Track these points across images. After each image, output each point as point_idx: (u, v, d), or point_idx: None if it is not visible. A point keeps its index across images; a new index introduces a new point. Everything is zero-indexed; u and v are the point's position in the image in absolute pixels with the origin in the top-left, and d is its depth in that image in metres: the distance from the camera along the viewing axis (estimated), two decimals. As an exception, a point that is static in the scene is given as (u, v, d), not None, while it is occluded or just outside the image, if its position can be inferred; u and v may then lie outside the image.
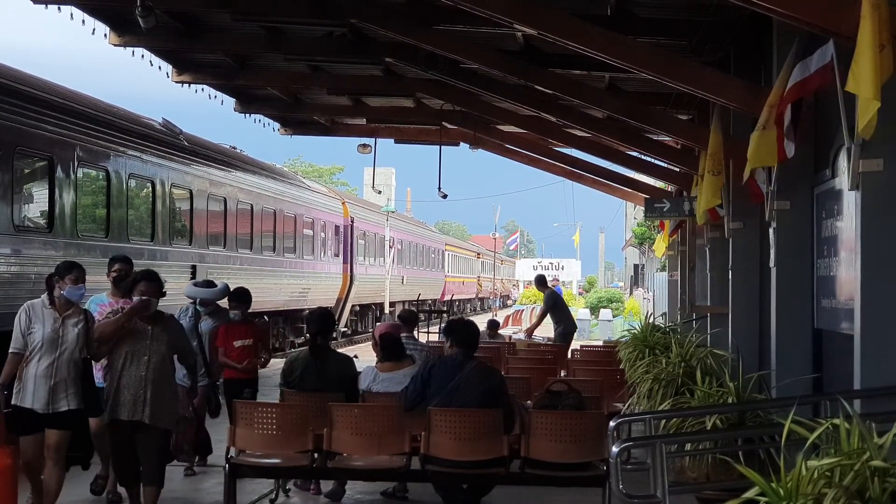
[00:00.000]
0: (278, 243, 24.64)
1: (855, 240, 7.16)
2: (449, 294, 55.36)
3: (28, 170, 14.09)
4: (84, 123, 15.00)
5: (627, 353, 12.58)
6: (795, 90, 8.13)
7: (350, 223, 32.95)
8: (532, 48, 14.02)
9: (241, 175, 22.31)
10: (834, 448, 4.27)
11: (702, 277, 16.73)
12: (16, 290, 13.22)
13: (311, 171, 75.28)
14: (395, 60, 14.92)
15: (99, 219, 15.76)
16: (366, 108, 20.36)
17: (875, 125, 6.25)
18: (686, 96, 13.91)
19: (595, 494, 8.12)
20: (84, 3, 13.31)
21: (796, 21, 7.34)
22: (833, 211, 9.15)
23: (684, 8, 12.26)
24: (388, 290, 39.12)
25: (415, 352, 10.55)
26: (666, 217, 19.55)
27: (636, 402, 10.35)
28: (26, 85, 13.98)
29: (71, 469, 8.47)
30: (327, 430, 8.27)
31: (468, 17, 11.80)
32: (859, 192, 7.01)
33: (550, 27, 10.20)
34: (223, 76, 17.53)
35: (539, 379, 11.40)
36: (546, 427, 8.11)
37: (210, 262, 19.88)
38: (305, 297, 26.64)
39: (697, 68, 10.38)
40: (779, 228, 10.11)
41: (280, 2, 12.98)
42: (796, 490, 4.06)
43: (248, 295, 11.27)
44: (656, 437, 7.69)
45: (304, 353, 9.46)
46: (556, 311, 19.10)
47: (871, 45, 5.98)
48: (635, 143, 17.23)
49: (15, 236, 13.16)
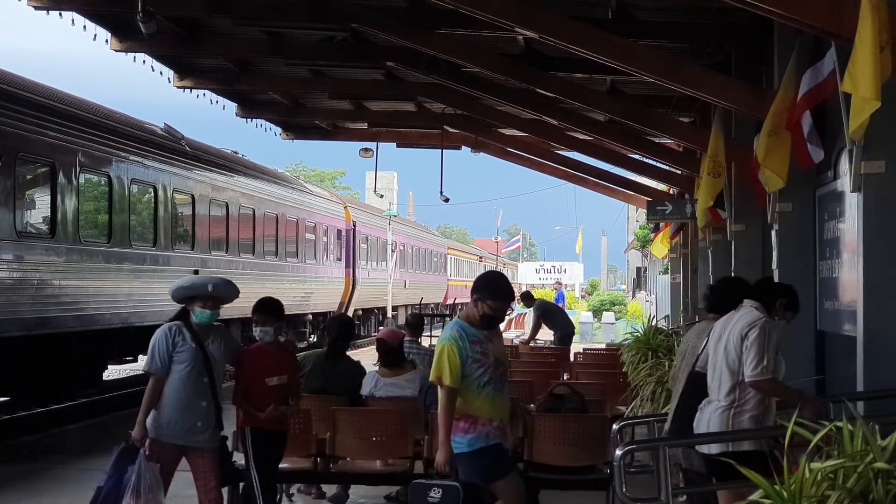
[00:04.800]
0: (280, 248, 24.64)
1: (857, 241, 7.15)
2: (452, 298, 55.33)
3: (30, 175, 14.09)
4: (86, 129, 15.02)
5: (630, 356, 12.57)
6: (811, 96, 8.12)
7: (352, 227, 32.94)
8: (533, 51, 14.02)
9: (242, 180, 22.31)
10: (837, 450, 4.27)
11: (704, 280, 16.72)
12: (18, 296, 13.24)
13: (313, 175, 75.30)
14: (397, 64, 14.94)
15: (101, 224, 15.76)
16: (367, 112, 20.37)
17: (866, 127, 6.26)
18: (687, 99, 13.92)
19: (599, 498, 8.11)
20: (85, 8, 13.32)
21: (797, 23, 7.36)
22: (835, 213, 9.15)
23: (685, 10, 12.26)
24: (391, 294, 39.10)
25: (417, 356, 10.54)
26: (668, 220, 19.54)
27: (639, 404, 10.35)
28: (28, 91, 14.00)
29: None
30: (331, 434, 8.28)
31: (469, 20, 11.81)
32: (861, 193, 7.01)
33: (552, 30, 10.21)
34: (224, 81, 17.54)
35: (542, 382, 11.39)
36: (549, 430, 8.11)
37: (212, 266, 19.86)
38: (308, 301, 26.63)
39: (698, 71, 10.38)
40: (781, 230, 10.10)
41: (281, 6, 12.99)
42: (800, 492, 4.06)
43: (279, 307, 7.91)
44: (660, 440, 7.68)
45: (317, 353, 9.49)
46: (549, 318, 19.02)
47: (870, 47, 5.98)
48: (637, 146, 17.24)
49: (17, 242, 13.16)
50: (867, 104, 6.07)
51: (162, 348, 7.15)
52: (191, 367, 7.15)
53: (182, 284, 7.44)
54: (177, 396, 7.14)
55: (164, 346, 7.15)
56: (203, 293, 7.24)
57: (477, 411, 6.44)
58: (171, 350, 7.14)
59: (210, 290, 7.25)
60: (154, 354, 7.17)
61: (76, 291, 14.69)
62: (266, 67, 17.12)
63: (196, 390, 7.18)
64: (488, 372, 6.49)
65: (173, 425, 7.16)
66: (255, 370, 7.54)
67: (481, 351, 6.49)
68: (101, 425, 14.52)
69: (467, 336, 6.47)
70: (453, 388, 6.39)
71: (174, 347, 7.14)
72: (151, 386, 7.18)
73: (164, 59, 16.31)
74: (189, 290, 7.34)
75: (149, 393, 7.18)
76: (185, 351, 7.15)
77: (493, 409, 6.50)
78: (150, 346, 7.20)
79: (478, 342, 6.50)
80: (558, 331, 18.83)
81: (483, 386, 6.45)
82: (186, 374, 7.15)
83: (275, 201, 24.29)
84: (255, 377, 7.54)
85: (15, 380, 14.84)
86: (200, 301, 7.22)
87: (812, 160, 8.57)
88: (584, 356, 15.99)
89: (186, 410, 7.17)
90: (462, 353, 6.40)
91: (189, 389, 7.16)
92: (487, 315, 6.53)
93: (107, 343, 16.86)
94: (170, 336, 7.17)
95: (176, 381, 7.15)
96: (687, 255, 20.65)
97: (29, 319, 13.54)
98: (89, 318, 15.17)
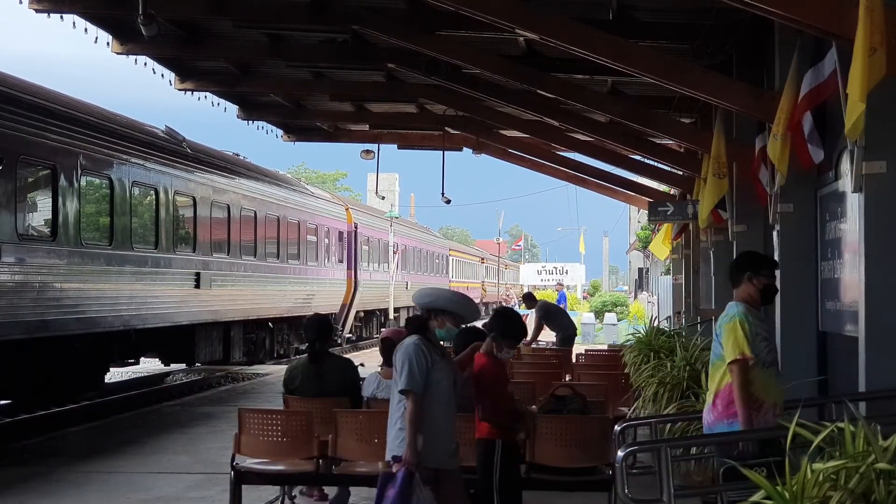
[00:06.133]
0: (282, 250, 24.65)
1: (859, 242, 7.15)
2: (453, 299, 55.24)
3: (31, 178, 14.10)
4: (87, 132, 15.03)
5: (632, 357, 12.55)
6: (812, 96, 8.11)
7: (354, 229, 32.95)
8: (534, 53, 14.02)
9: (244, 182, 22.32)
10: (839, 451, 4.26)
11: (706, 281, 16.71)
12: (20, 299, 13.25)
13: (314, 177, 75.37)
14: (398, 66, 14.94)
15: (102, 227, 15.76)
16: (368, 113, 20.38)
17: (861, 127, 6.25)
18: (688, 100, 13.91)
19: (601, 499, 8.10)
20: (86, 11, 13.34)
21: (797, 23, 7.35)
22: (837, 213, 9.14)
23: (686, 11, 12.26)
24: (393, 295, 39.11)
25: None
26: (669, 220, 19.54)
27: (641, 406, 10.34)
28: (29, 94, 14.01)
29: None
30: (332, 436, 8.27)
31: (470, 22, 11.81)
32: (863, 194, 7.00)
33: (552, 32, 10.21)
34: (226, 83, 17.56)
35: (544, 383, 11.37)
36: (551, 432, 8.09)
37: (214, 269, 19.89)
38: (310, 303, 26.63)
39: (699, 72, 10.38)
40: (783, 231, 10.09)
41: (282, 9, 13.00)
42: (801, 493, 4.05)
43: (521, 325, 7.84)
44: (662, 441, 7.67)
45: (303, 361, 9.43)
46: (550, 319, 19.00)
47: (861, 48, 5.99)
48: (638, 147, 17.24)
49: (19, 245, 13.17)
50: (856, 105, 6.08)
51: (422, 364, 6.57)
52: (446, 384, 6.68)
53: (444, 296, 7.08)
54: (435, 416, 6.61)
55: (424, 362, 6.59)
56: (456, 310, 6.89)
57: (762, 393, 6.45)
58: (430, 366, 6.61)
59: (462, 311, 6.94)
60: (413, 371, 6.54)
61: (77, 294, 14.69)
62: (267, 69, 17.13)
63: (450, 409, 6.75)
64: (771, 353, 6.59)
65: (433, 447, 6.58)
66: (500, 383, 7.46)
67: (767, 329, 6.66)
68: (103, 428, 14.51)
69: (751, 315, 6.53)
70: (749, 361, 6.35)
71: (432, 364, 6.63)
72: (416, 405, 6.51)
73: (165, 61, 16.33)
74: (448, 303, 6.93)
75: (415, 413, 6.49)
76: (440, 367, 6.67)
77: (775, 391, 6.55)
78: (405, 362, 6.59)
79: (758, 322, 6.56)
80: (560, 332, 18.82)
81: (767, 366, 6.49)
82: (443, 391, 6.65)
83: (276, 203, 24.29)
84: (501, 389, 7.47)
85: (17, 382, 14.85)
86: (451, 318, 6.85)
87: (812, 160, 8.57)
88: (586, 357, 15.96)
89: (444, 431, 6.70)
90: (751, 330, 6.42)
91: (445, 408, 6.68)
92: (768, 286, 6.64)
93: (108, 346, 16.88)
94: (425, 351, 6.62)
95: (434, 400, 6.61)
96: (689, 256, 20.66)
97: (30, 322, 13.55)
98: (91, 320, 15.18)
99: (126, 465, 11.51)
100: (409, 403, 6.52)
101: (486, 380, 7.32)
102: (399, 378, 6.60)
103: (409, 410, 6.52)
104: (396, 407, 6.69)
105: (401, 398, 6.62)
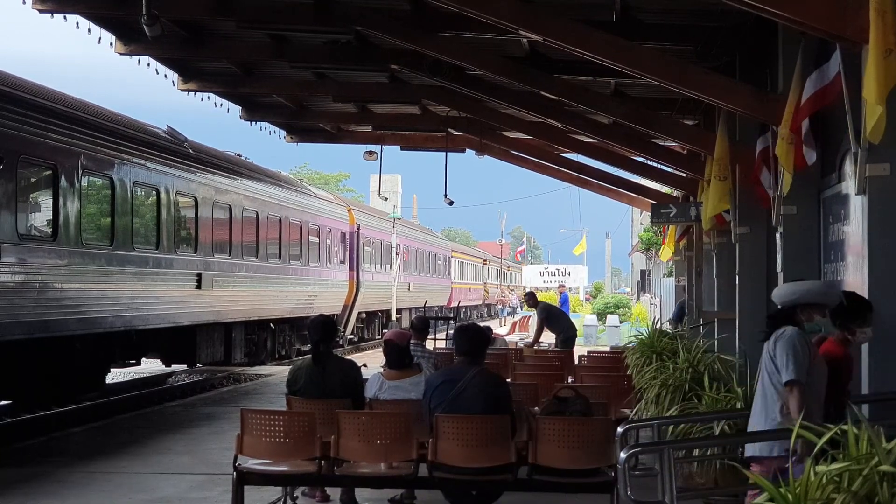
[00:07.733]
0: (284, 251, 24.65)
1: (862, 244, 7.14)
2: (456, 301, 55.34)
3: (32, 178, 14.10)
4: (88, 132, 15.02)
5: (635, 359, 12.54)
6: (817, 98, 8.10)
7: (356, 230, 32.95)
8: (537, 54, 14.02)
9: (246, 182, 22.32)
10: (842, 453, 4.25)
11: (709, 283, 16.70)
12: (20, 299, 13.24)
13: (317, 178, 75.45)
14: (401, 67, 14.93)
15: (103, 227, 15.76)
16: (371, 115, 20.38)
17: (883, 129, 6.24)
18: (692, 101, 13.90)
19: (603, 500, 8.08)
20: (90, 11, 13.33)
21: (801, 25, 7.34)
22: (840, 215, 9.13)
23: (689, 13, 12.25)
24: (395, 296, 39.10)
25: (422, 359, 10.51)
26: (672, 222, 19.53)
27: (644, 407, 10.32)
28: (30, 93, 14.00)
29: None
30: (335, 437, 8.26)
31: (473, 23, 11.81)
32: (866, 196, 6.99)
33: (556, 33, 10.20)
34: (229, 84, 17.56)
35: (546, 385, 11.36)
36: (554, 433, 8.08)
37: (215, 269, 19.88)
38: (312, 304, 26.63)
39: (703, 73, 10.36)
40: (786, 233, 10.08)
41: (285, 9, 13.00)
42: (805, 495, 4.04)
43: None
44: (664, 442, 7.66)
45: (306, 362, 9.43)
46: (552, 321, 19.08)
47: (876, 50, 5.98)
48: (641, 149, 17.21)
49: (19, 245, 13.16)
50: (874, 109, 6.07)
51: (806, 356, 6.42)
52: (823, 377, 6.56)
53: (810, 290, 6.84)
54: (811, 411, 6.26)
55: (805, 353, 6.43)
56: (822, 301, 6.76)
57: None
58: (812, 358, 6.48)
59: (827, 300, 6.80)
60: (799, 362, 6.38)
61: (79, 294, 14.68)
62: (270, 70, 17.13)
63: (820, 404, 6.51)
64: None
65: None
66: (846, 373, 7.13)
67: None
68: (105, 429, 14.52)
69: None
70: None
71: (812, 357, 6.49)
72: (802, 395, 6.32)
73: (168, 62, 16.32)
74: (815, 297, 6.76)
75: (802, 404, 6.28)
76: (816, 360, 6.53)
77: None
78: (790, 353, 6.41)
79: None
80: (561, 333, 18.88)
81: None
82: (818, 384, 6.51)
83: (278, 204, 24.30)
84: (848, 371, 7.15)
85: (18, 383, 14.84)
86: (819, 310, 6.73)
87: (806, 162, 8.56)
88: (588, 359, 15.95)
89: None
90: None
91: (818, 402, 6.49)
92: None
93: (109, 346, 16.88)
94: (807, 342, 6.50)
95: (810, 394, 6.42)
96: (691, 258, 20.64)
97: (32, 323, 13.54)
98: (92, 321, 15.17)
99: (128, 465, 11.50)
100: (794, 394, 6.35)
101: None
102: (783, 369, 6.42)
103: (795, 401, 6.32)
104: (772, 399, 6.54)
105: (772, 391, 6.50)
